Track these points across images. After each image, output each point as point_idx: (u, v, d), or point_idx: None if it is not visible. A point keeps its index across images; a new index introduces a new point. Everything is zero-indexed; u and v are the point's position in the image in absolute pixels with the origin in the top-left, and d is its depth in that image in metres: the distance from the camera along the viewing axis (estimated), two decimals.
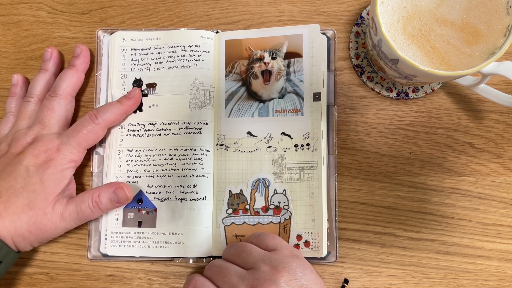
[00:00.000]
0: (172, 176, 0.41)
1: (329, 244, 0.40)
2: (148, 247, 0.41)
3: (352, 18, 0.43)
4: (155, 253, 0.41)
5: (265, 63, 0.42)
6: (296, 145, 0.41)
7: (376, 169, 0.42)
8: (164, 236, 0.41)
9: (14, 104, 0.42)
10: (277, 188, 0.41)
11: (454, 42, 0.35)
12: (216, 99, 0.42)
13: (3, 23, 0.45)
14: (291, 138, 0.41)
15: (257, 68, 0.42)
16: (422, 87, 0.42)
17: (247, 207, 0.41)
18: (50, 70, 0.42)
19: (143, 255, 0.41)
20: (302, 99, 0.41)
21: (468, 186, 0.42)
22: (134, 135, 0.42)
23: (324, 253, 0.40)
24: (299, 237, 0.40)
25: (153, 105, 0.42)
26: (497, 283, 0.41)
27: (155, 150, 0.42)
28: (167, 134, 0.42)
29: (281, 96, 0.42)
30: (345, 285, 0.41)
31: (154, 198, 0.41)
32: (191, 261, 0.41)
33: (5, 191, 0.36)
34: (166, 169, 0.41)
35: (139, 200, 0.41)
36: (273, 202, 0.41)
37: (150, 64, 0.43)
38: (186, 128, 0.42)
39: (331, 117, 0.42)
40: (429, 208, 0.42)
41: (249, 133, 0.42)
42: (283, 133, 0.41)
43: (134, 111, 0.42)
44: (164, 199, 0.41)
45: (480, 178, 0.42)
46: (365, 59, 0.43)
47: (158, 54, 0.43)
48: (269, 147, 0.41)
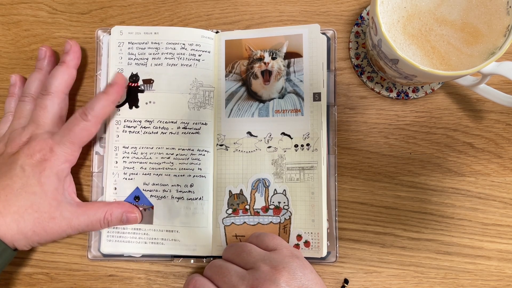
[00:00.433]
0: (169, 175, 0.41)
1: (329, 244, 0.40)
2: (145, 243, 0.41)
3: (352, 18, 0.43)
4: (151, 250, 0.41)
5: (265, 63, 0.42)
6: (296, 145, 0.41)
7: (376, 169, 0.42)
8: (161, 233, 0.41)
9: (13, 104, 0.42)
10: (277, 188, 0.41)
11: (454, 42, 0.35)
12: (216, 99, 0.42)
13: (3, 23, 0.45)
14: (291, 138, 0.41)
15: (257, 68, 0.42)
16: (422, 87, 0.42)
17: (247, 207, 0.41)
18: (45, 68, 0.42)
19: (139, 252, 0.41)
20: (302, 99, 0.41)
21: (468, 186, 0.42)
22: (130, 131, 0.42)
23: (324, 253, 0.40)
24: (299, 237, 0.40)
25: (150, 102, 0.42)
26: (497, 283, 0.41)
27: (152, 148, 0.42)
28: (165, 133, 0.42)
29: (281, 96, 0.42)
30: (345, 285, 0.41)
31: (150, 196, 0.41)
32: (192, 261, 0.41)
33: (2, 190, 0.36)
34: (163, 168, 0.41)
35: (136, 197, 0.41)
36: (273, 202, 0.41)
37: (147, 59, 0.42)
38: (185, 128, 0.42)
39: (331, 117, 0.42)
40: (429, 208, 0.42)
41: (249, 133, 0.42)
42: (283, 133, 0.41)
43: (130, 107, 0.42)
44: (161, 197, 0.41)
45: (480, 178, 0.42)
46: (365, 59, 0.43)
47: (156, 50, 0.42)
48: (269, 147, 0.41)
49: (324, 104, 0.41)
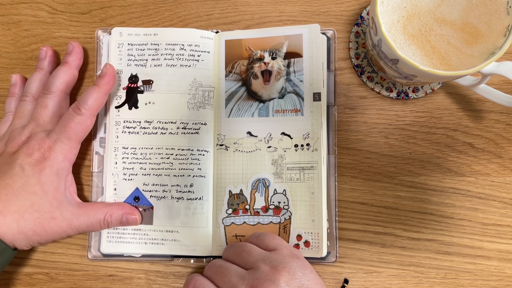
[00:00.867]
0: (168, 175, 0.41)
1: (329, 244, 0.40)
2: (145, 243, 0.41)
3: (352, 18, 0.43)
4: (151, 250, 0.41)
5: (265, 63, 0.42)
6: (296, 145, 0.41)
7: (376, 169, 0.42)
8: (161, 234, 0.41)
9: (13, 104, 0.42)
10: (277, 188, 0.41)
11: (454, 42, 0.35)
12: (216, 99, 0.42)
13: (3, 23, 0.45)
14: (291, 138, 0.41)
15: (257, 68, 0.42)
16: (422, 87, 0.42)
17: (247, 207, 0.41)
18: (45, 68, 0.42)
19: (140, 252, 0.41)
20: (302, 99, 0.41)
21: (468, 186, 0.42)
22: (129, 132, 0.42)
23: (324, 253, 0.40)
24: (299, 237, 0.40)
25: (149, 102, 0.42)
26: (497, 283, 0.41)
27: (151, 148, 0.42)
28: (164, 133, 0.42)
29: (281, 96, 0.42)
30: (345, 285, 0.41)
31: (150, 196, 0.41)
32: (192, 261, 0.41)
33: (3, 189, 0.36)
34: (162, 168, 0.41)
35: (136, 197, 0.42)
36: (273, 202, 0.41)
37: (146, 60, 0.43)
38: (184, 128, 0.42)
39: (331, 117, 0.42)
40: (429, 208, 0.42)
41: (249, 133, 0.42)
42: (283, 133, 0.41)
43: (129, 107, 0.42)
44: (161, 197, 0.41)
45: (480, 178, 0.42)
46: (365, 59, 0.43)
47: (156, 51, 0.43)
48: (269, 147, 0.41)
49: (324, 104, 0.41)
